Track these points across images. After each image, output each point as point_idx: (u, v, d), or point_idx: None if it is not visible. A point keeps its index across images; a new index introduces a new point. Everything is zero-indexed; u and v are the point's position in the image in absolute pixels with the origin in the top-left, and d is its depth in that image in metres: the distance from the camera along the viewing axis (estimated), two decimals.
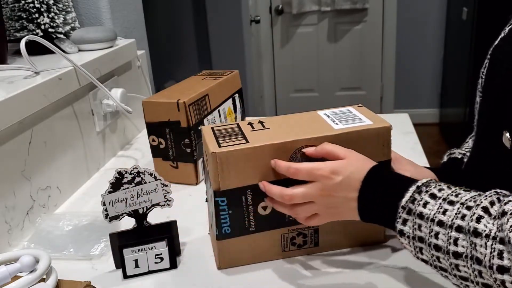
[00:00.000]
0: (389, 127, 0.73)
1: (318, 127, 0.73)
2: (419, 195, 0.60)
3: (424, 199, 0.59)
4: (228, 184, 0.70)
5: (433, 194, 0.59)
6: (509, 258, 0.50)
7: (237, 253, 0.75)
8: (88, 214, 0.90)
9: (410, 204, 0.59)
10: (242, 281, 0.74)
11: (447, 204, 0.57)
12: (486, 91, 0.71)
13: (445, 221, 0.56)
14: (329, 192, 0.66)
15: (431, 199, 0.58)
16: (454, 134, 3.24)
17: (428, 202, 0.58)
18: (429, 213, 0.57)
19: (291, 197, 0.68)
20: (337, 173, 0.66)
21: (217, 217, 0.72)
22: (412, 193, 0.60)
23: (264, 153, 0.69)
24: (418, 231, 0.58)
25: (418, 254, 0.59)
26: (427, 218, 0.57)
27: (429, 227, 0.57)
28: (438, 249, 0.56)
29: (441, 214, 0.57)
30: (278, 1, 3.61)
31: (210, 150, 0.69)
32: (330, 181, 0.66)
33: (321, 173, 0.66)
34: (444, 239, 0.56)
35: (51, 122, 0.98)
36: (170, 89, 1.09)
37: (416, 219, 0.58)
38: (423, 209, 0.58)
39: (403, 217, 0.60)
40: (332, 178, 0.66)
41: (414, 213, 0.59)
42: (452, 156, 0.84)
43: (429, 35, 3.62)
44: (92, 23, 1.37)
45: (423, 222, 0.58)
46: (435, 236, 0.56)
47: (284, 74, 3.80)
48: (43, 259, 0.66)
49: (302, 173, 0.67)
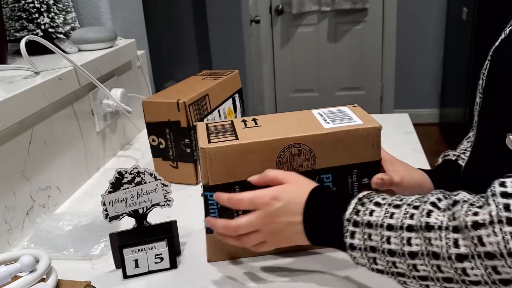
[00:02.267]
0: (378, 128, 0.73)
1: (308, 126, 0.74)
2: (362, 206, 0.60)
3: (369, 208, 0.59)
4: (217, 179, 0.71)
5: (377, 202, 0.59)
6: (465, 244, 0.50)
7: (227, 247, 0.76)
8: (88, 214, 0.90)
9: (355, 216, 0.59)
10: (242, 281, 0.74)
11: (393, 208, 0.57)
12: (487, 92, 0.71)
13: (395, 224, 0.56)
14: (272, 218, 0.66)
15: (376, 207, 0.59)
16: (454, 134, 3.24)
17: (374, 210, 0.58)
18: (377, 220, 0.57)
19: (235, 228, 0.68)
20: (278, 199, 0.65)
21: (206, 211, 0.73)
22: (355, 205, 0.60)
23: (252, 150, 0.71)
24: (369, 240, 0.58)
25: (373, 265, 0.58)
26: (375, 225, 0.57)
27: (379, 234, 0.57)
28: (393, 253, 0.56)
29: (389, 218, 0.56)
30: (278, 1, 3.61)
31: (200, 145, 0.71)
32: (271, 207, 0.66)
33: (261, 201, 0.66)
34: (396, 242, 0.55)
35: (51, 122, 0.98)
36: (170, 89, 1.09)
37: (365, 229, 0.58)
38: (370, 217, 0.58)
39: (350, 229, 0.59)
40: (272, 204, 0.65)
41: (362, 223, 0.58)
42: (447, 158, 0.84)
43: (429, 35, 3.62)
44: (92, 23, 1.37)
45: (372, 230, 0.57)
46: (387, 241, 0.56)
47: (284, 74, 3.80)
48: (43, 259, 0.66)
49: (244, 202, 0.68)
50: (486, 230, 0.49)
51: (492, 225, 0.49)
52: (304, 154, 0.72)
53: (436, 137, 3.60)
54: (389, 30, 3.59)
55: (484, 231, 0.49)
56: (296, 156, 0.72)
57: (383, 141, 0.74)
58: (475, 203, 0.52)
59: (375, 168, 0.75)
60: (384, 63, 3.68)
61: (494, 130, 0.67)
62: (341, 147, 0.72)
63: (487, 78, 0.71)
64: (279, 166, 0.72)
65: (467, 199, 0.53)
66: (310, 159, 0.72)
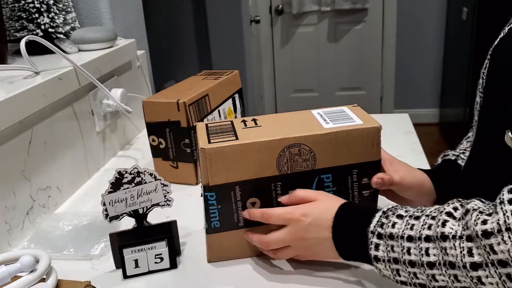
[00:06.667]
0: (378, 127, 0.73)
1: (308, 126, 0.74)
2: (386, 219, 0.61)
3: (392, 221, 0.60)
4: (217, 179, 0.71)
5: (400, 214, 0.60)
6: (479, 253, 0.51)
7: (227, 247, 0.77)
8: (88, 214, 0.90)
9: (379, 228, 0.60)
10: (242, 281, 0.74)
11: (413, 219, 0.58)
12: (487, 91, 0.71)
13: (414, 235, 0.57)
14: (302, 235, 0.68)
15: (398, 219, 0.60)
16: (454, 134, 3.24)
17: (396, 222, 0.60)
18: (398, 231, 0.58)
19: (267, 244, 0.72)
20: (307, 215, 0.67)
21: (206, 212, 0.74)
22: (379, 218, 0.61)
23: (252, 150, 0.71)
24: (392, 252, 0.59)
25: (396, 277, 0.59)
26: (397, 236, 0.58)
27: (400, 245, 0.58)
28: (413, 264, 0.57)
29: (409, 230, 0.58)
30: (278, 1, 3.61)
31: (200, 145, 0.71)
32: (300, 223, 0.68)
33: (291, 217, 0.68)
34: (416, 252, 0.56)
35: (51, 122, 0.98)
36: (170, 89, 1.09)
37: (388, 241, 0.59)
38: (392, 229, 0.59)
39: (375, 242, 0.61)
40: (302, 220, 0.67)
41: (385, 235, 0.60)
42: (446, 158, 0.84)
43: (429, 35, 3.62)
44: (92, 23, 1.37)
45: (394, 242, 0.58)
46: (407, 252, 0.57)
47: (284, 74, 3.80)
48: (43, 259, 0.66)
49: (274, 218, 0.70)
50: (496, 239, 0.49)
51: (500, 233, 0.49)
52: (304, 154, 0.72)
53: (436, 137, 3.60)
54: (389, 30, 3.59)
55: (494, 239, 0.50)
56: (296, 156, 0.72)
57: (383, 141, 0.74)
58: (485, 211, 0.53)
59: (375, 168, 0.75)
60: (384, 63, 3.68)
61: (493, 128, 0.67)
62: (341, 147, 0.72)
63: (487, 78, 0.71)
64: (279, 166, 0.72)
65: (478, 207, 0.54)
66: (310, 159, 0.72)
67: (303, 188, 0.73)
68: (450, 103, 3.44)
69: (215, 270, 0.76)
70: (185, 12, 2.94)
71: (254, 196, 0.73)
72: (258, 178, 0.72)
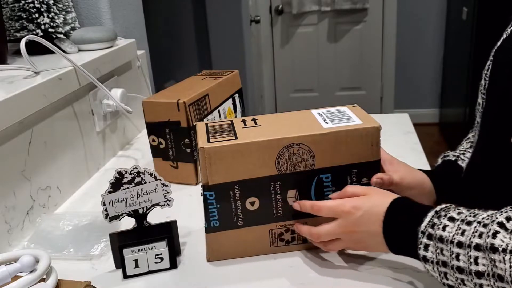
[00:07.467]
0: (378, 127, 0.73)
1: (307, 126, 0.74)
2: (438, 220, 0.59)
3: (443, 223, 0.59)
4: (216, 178, 0.72)
5: (452, 217, 0.59)
6: None
7: (226, 247, 0.77)
8: (88, 214, 0.90)
9: (430, 229, 0.59)
10: (242, 281, 0.74)
11: (465, 224, 0.57)
12: (490, 93, 0.71)
13: (464, 241, 0.55)
14: (352, 228, 0.68)
15: (450, 222, 0.58)
16: (454, 134, 3.24)
17: (447, 225, 0.58)
18: (448, 235, 0.57)
19: (317, 236, 0.72)
20: (358, 208, 0.67)
21: (206, 211, 0.74)
22: (431, 218, 0.60)
23: (251, 149, 0.71)
24: (441, 255, 0.58)
25: (444, 280, 0.58)
26: (447, 240, 0.57)
27: (449, 250, 0.57)
28: (461, 271, 0.55)
29: (459, 235, 0.56)
30: (278, 1, 3.61)
31: (199, 145, 0.71)
32: (351, 216, 0.67)
33: (342, 209, 0.68)
34: (465, 259, 0.55)
35: (51, 122, 0.98)
36: (170, 89, 1.09)
37: (438, 243, 0.58)
38: (443, 232, 0.58)
39: (424, 242, 0.60)
40: (353, 213, 0.67)
41: (435, 237, 0.58)
42: (446, 159, 0.84)
43: (429, 35, 3.62)
44: (92, 23, 1.37)
45: (444, 245, 0.57)
46: (456, 258, 0.56)
47: (284, 74, 3.80)
48: (43, 259, 0.66)
49: (325, 210, 0.70)
50: None
51: None
52: (304, 154, 0.72)
53: (436, 137, 3.60)
54: (389, 30, 3.59)
55: None
56: (295, 156, 0.72)
57: (383, 141, 0.74)
58: None
59: (374, 168, 0.75)
60: (384, 63, 3.68)
61: (497, 130, 0.67)
62: (341, 147, 0.72)
63: (490, 79, 0.71)
64: (278, 166, 0.72)
65: None
66: (309, 159, 0.72)
67: (302, 188, 0.73)
68: (450, 103, 3.44)
69: (215, 270, 0.76)
70: (185, 12, 2.94)
71: (253, 196, 0.73)
72: (257, 177, 0.72)
